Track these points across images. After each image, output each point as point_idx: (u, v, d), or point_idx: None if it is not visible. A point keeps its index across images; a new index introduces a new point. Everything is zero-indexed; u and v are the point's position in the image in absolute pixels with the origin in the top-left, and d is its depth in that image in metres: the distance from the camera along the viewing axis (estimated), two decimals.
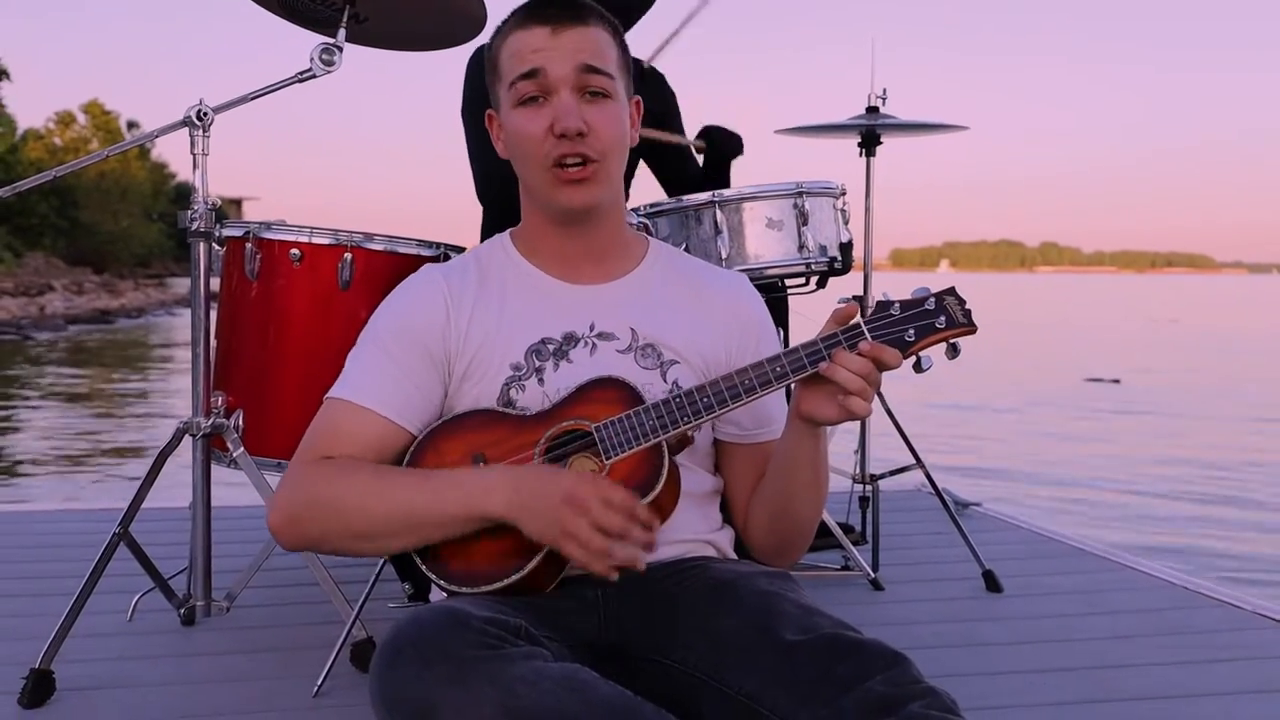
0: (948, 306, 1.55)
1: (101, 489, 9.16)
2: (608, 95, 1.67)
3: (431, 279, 1.75)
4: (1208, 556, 6.84)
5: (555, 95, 1.64)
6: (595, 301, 1.74)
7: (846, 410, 1.51)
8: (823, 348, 1.53)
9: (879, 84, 3.45)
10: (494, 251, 1.81)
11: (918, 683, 1.35)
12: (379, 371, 1.67)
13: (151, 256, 64.91)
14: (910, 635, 2.73)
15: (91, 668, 2.41)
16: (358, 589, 2.44)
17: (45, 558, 3.40)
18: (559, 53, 1.64)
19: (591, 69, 1.65)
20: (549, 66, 1.64)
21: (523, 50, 1.66)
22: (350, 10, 2.47)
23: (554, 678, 1.30)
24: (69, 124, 62.83)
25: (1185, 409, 14.96)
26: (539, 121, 1.65)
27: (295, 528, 1.60)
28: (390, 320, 1.72)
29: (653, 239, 1.88)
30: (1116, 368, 20.29)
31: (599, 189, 1.68)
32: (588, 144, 1.64)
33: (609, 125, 1.67)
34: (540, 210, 1.75)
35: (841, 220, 2.86)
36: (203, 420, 2.45)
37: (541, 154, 1.65)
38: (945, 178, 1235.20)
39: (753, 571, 1.64)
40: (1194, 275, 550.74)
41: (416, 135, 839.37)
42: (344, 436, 1.64)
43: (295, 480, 1.63)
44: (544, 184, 1.68)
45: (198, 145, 2.41)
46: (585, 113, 1.64)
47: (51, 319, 32.69)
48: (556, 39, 1.65)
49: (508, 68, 1.69)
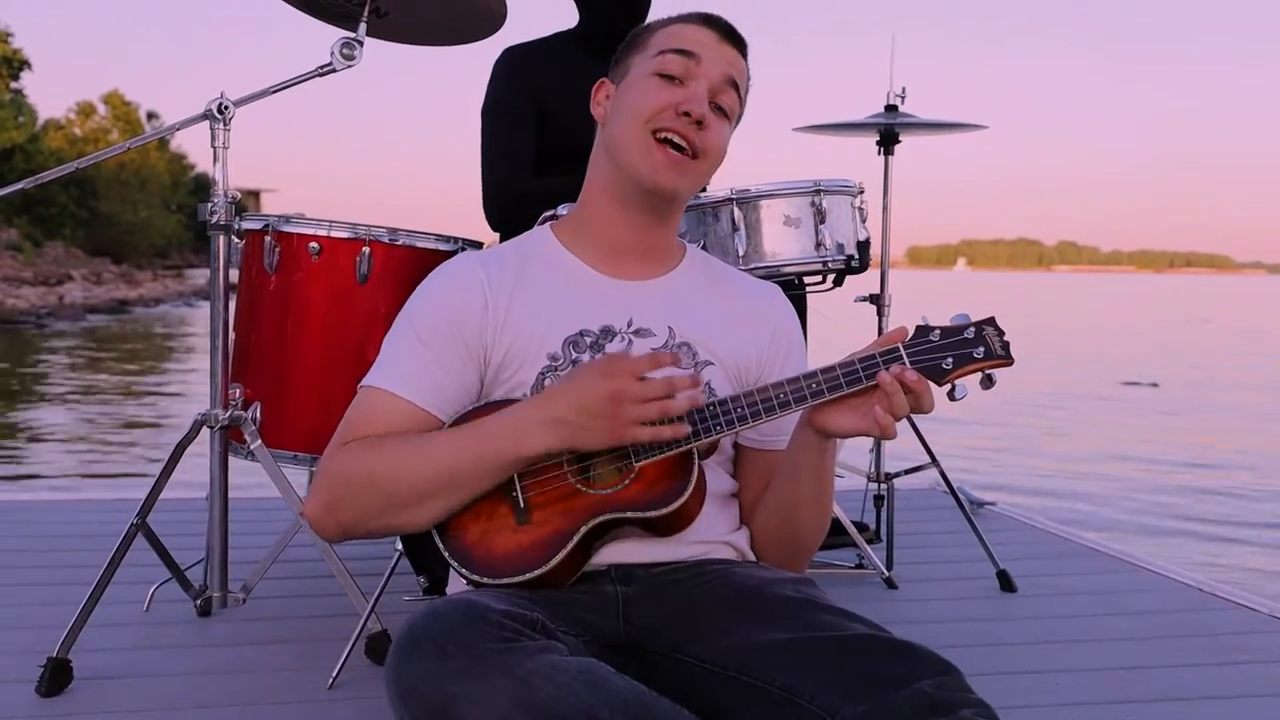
0: (986, 337, 1.55)
1: (118, 480, 9.20)
2: (728, 116, 1.74)
3: (470, 267, 1.74)
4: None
5: (693, 83, 1.68)
6: (635, 297, 1.74)
7: (876, 425, 1.52)
8: (860, 369, 1.54)
9: (898, 82, 3.46)
10: (535, 241, 1.81)
11: (969, 692, 1.35)
12: (414, 359, 1.67)
13: (170, 247, 65.14)
14: (924, 634, 2.70)
15: (108, 657, 2.43)
16: (373, 582, 2.45)
17: (63, 547, 3.42)
18: (719, 55, 1.71)
19: (734, 85, 1.72)
20: (706, 58, 1.70)
21: (686, 35, 1.72)
22: (371, 5, 2.48)
23: (570, 672, 1.30)
24: (89, 114, 63.06)
25: (1227, 412, 14.59)
26: (670, 94, 1.68)
27: (333, 512, 1.61)
28: (426, 308, 1.71)
29: (691, 245, 1.89)
30: (1153, 370, 19.74)
31: (685, 180, 1.70)
32: (700, 136, 1.68)
33: (720, 137, 1.73)
34: (613, 184, 1.74)
35: (859, 218, 2.86)
36: (221, 412, 2.46)
37: (656, 118, 1.67)
38: (963, 175, 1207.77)
39: (778, 577, 1.64)
40: (1213, 275, 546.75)
41: (436, 129, 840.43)
42: (377, 425, 1.64)
43: (327, 467, 1.63)
44: (638, 145, 1.69)
45: (218, 138, 2.43)
46: (708, 114, 1.69)
47: (70, 308, 32.82)
48: (720, 46, 1.72)
49: (661, 41, 1.73)
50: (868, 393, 1.54)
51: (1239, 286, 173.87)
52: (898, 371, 1.51)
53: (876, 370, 1.53)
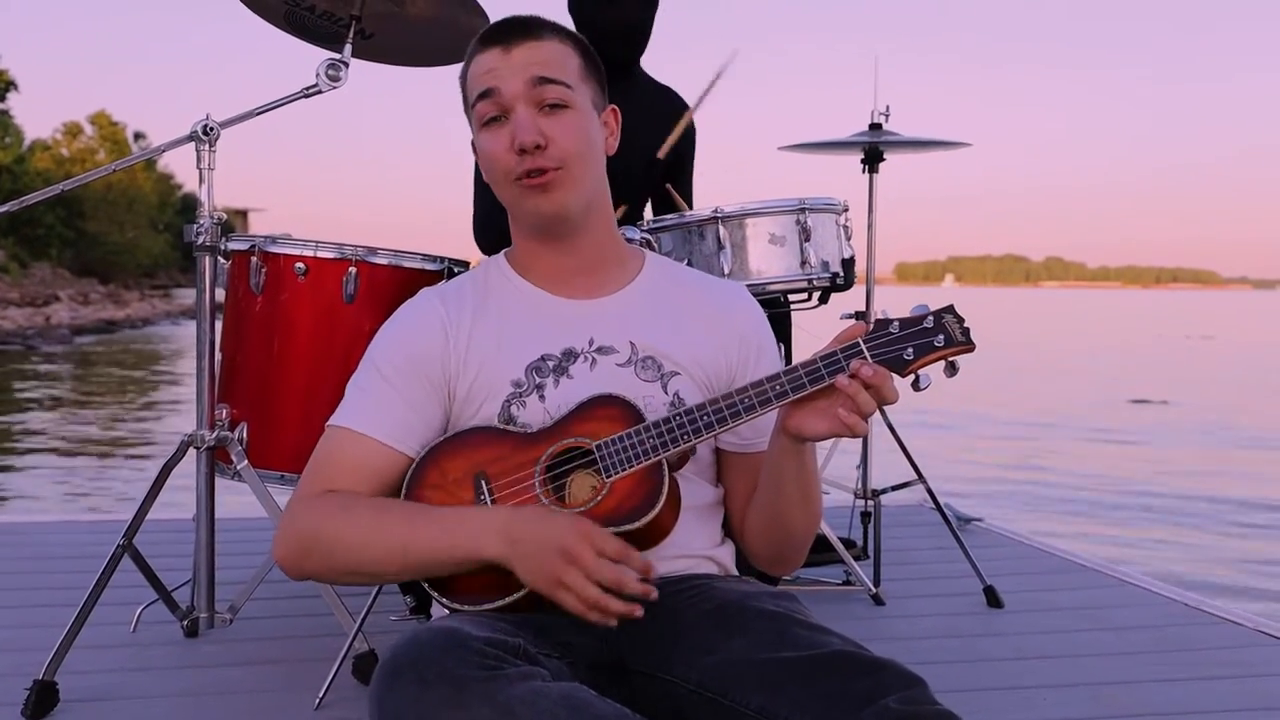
0: (946, 325, 1.55)
1: (104, 500, 9.17)
2: (566, 105, 1.68)
3: (429, 304, 1.76)
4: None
5: (513, 112, 1.66)
6: (593, 316, 1.74)
7: (843, 425, 1.52)
8: (822, 367, 1.54)
9: (882, 100, 3.48)
10: (490, 271, 1.82)
11: (934, 704, 1.35)
12: (379, 398, 1.68)
13: (157, 267, 65.00)
14: (911, 650, 2.73)
15: (95, 679, 2.42)
16: (360, 601, 2.45)
17: (49, 569, 3.41)
18: (510, 69, 1.66)
19: (545, 80, 1.67)
20: (501, 85, 1.66)
21: (479, 72, 1.69)
22: (356, 26, 2.49)
23: (552, 698, 1.30)
24: (76, 135, 62.95)
25: (1241, 432, 14.35)
26: (501, 140, 1.67)
27: (299, 563, 1.63)
28: (388, 347, 1.73)
29: (650, 252, 1.89)
30: (1161, 387, 19.52)
31: (564, 194, 1.68)
32: (548, 155, 1.65)
33: (568, 134, 1.67)
34: (523, 227, 1.76)
35: (844, 236, 2.88)
36: (207, 433, 2.46)
37: (506, 170, 1.67)
38: (950, 191, 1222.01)
39: (759, 591, 1.64)
40: (1199, 291, 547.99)
41: (423, 149, 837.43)
42: (345, 465, 1.66)
43: (297, 515, 1.64)
44: (514, 198, 1.70)
45: (204, 160, 2.43)
46: (543, 125, 1.65)
47: (57, 329, 32.74)
48: (508, 57, 1.67)
49: (470, 91, 1.72)
50: (832, 394, 1.54)
51: (1226, 301, 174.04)
52: (855, 367, 1.51)
53: (839, 367, 1.53)
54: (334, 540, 1.59)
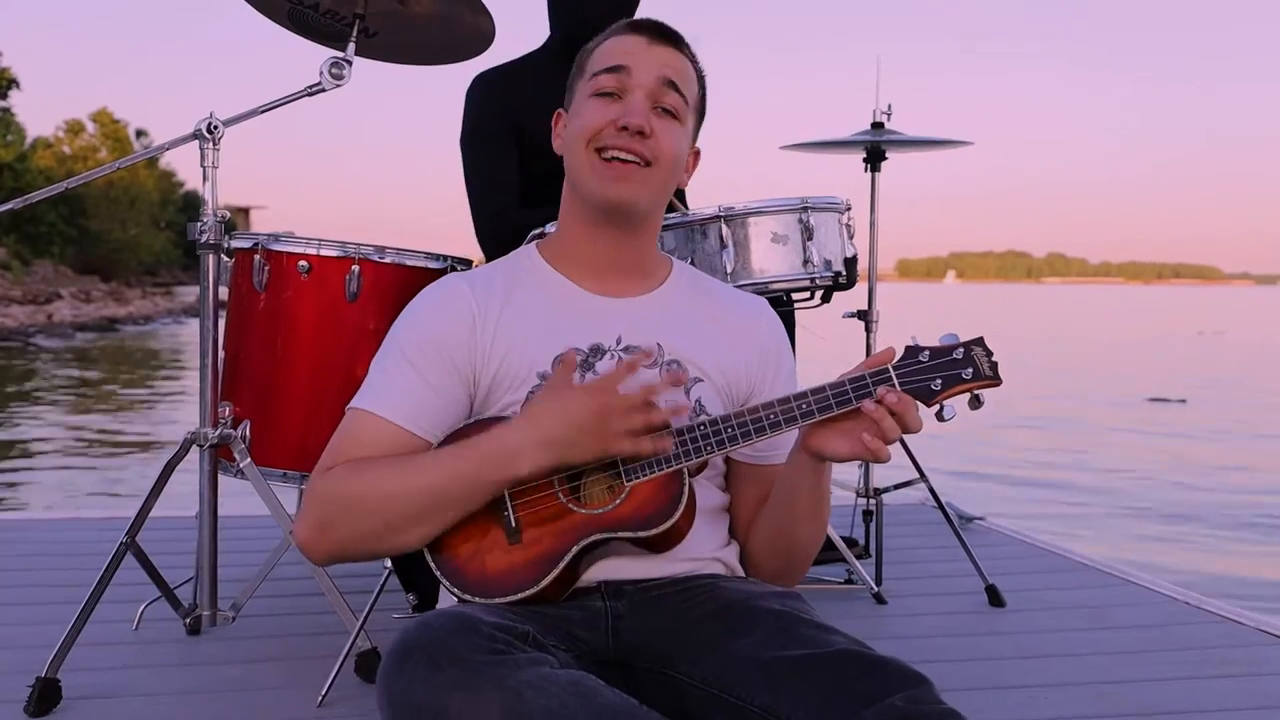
0: (975, 358, 1.56)
1: (107, 498, 9.17)
2: (676, 117, 1.71)
3: (458, 289, 1.74)
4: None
5: (629, 95, 1.68)
6: (623, 314, 1.74)
7: (866, 450, 1.53)
8: (850, 391, 1.55)
9: (884, 99, 3.48)
10: (521, 261, 1.81)
11: (939, 703, 1.36)
12: (402, 382, 1.67)
13: (159, 265, 64.96)
14: (913, 649, 2.73)
15: (97, 676, 2.42)
16: (363, 599, 2.45)
17: (52, 566, 3.41)
18: (648, 60, 1.69)
19: (672, 85, 1.70)
20: (635, 67, 1.69)
21: (616, 49, 1.71)
22: (360, 25, 2.49)
23: (561, 683, 1.31)
24: (78, 132, 62.89)
25: (1262, 431, 14.19)
26: (608, 112, 1.68)
27: (324, 534, 1.61)
28: (414, 329, 1.72)
29: (676, 260, 1.89)
30: (1179, 385, 19.24)
31: (637, 188, 1.69)
32: (645, 145, 1.67)
33: (669, 139, 1.70)
34: (578, 208, 1.75)
35: (846, 235, 2.87)
36: (210, 430, 2.46)
37: (598, 136, 1.67)
38: (951, 188, 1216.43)
39: (764, 591, 1.64)
40: (1201, 286, 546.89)
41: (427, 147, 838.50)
42: (365, 448, 1.64)
43: (316, 490, 1.63)
44: (586, 167, 1.69)
45: (208, 158, 2.43)
46: (652, 121, 1.68)
47: (59, 327, 32.73)
48: (650, 49, 1.70)
49: (595, 62, 1.73)
50: (857, 417, 1.55)
51: (1229, 297, 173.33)
52: (882, 393, 1.53)
53: (866, 391, 1.54)
54: (359, 497, 1.58)
